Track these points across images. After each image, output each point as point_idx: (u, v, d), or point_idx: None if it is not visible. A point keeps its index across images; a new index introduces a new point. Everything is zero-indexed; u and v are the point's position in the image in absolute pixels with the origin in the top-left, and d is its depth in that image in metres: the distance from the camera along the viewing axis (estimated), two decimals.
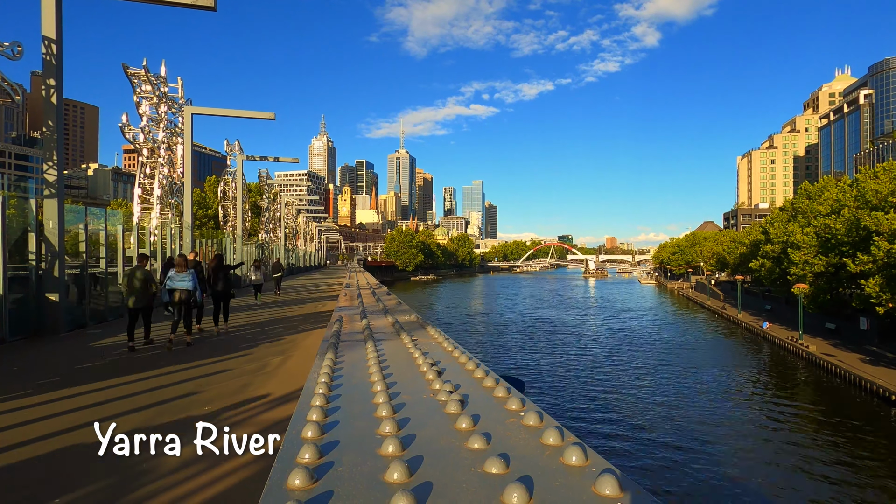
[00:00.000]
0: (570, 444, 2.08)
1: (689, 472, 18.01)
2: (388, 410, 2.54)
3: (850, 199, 38.71)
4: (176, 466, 4.31)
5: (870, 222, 31.07)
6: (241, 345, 10.23)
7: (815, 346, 36.75)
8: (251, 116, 26.33)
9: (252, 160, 35.72)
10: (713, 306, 68.65)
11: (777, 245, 47.26)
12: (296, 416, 2.52)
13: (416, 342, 4.79)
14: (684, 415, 24.67)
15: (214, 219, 73.92)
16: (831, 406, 26.72)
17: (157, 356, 9.12)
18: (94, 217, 14.98)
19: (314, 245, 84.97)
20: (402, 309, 9.02)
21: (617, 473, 1.82)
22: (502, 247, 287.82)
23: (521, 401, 2.71)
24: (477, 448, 2.13)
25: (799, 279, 40.63)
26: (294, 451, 2.02)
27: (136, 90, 22.54)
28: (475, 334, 49.16)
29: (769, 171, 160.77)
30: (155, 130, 23.68)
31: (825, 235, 38.91)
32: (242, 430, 5.21)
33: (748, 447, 20.84)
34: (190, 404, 6.14)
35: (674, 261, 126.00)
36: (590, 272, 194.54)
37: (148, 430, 5.16)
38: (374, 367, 3.57)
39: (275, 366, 8.23)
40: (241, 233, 33.04)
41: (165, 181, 23.81)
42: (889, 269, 29.46)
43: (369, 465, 1.96)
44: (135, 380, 7.36)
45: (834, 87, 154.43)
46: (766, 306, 57.32)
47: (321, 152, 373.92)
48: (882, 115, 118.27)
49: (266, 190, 48.29)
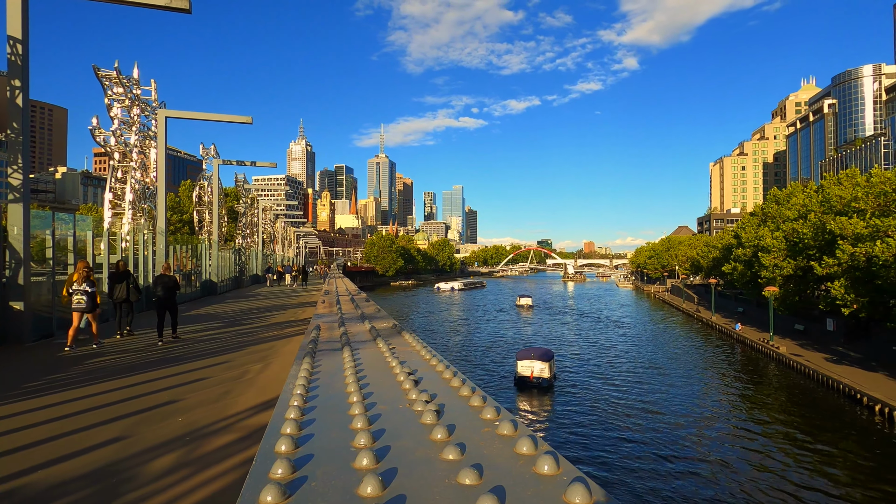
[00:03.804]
0: (542, 452, 2.11)
1: (658, 476, 18.31)
2: (363, 422, 2.53)
3: (816, 205, 40.15)
4: (154, 476, 4.22)
5: (834, 227, 32.26)
6: (220, 352, 10.04)
7: (785, 347, 37.88)
8: (227, 120, 25.91)
9: (228, 164, 35.12)
10: (688, 309, 70.16)
11: (748, 249, 48.63)
12: (269, 429, 2.48)
13: (394, 350, 4.78)
14: (658, 417, 25.11)
15: (189, 224, 72.42)
16: (799, 405, 27.55)
17: (135, 364, 8.88)
18: (61, 222, 14.50)
19: (292, 250, 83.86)
20: (381, 315, 8.98)
21: (587, 482, 1.86)
22: (482, 251, 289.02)
23: (496, 410, 2.74)
24: (452, 459, 2.14)
25: (769, 282, 41.87)
26: (267, 465, 2.00)
27: (108, 92, 21.97)
28: (455, 335, 49.21)
29: (740, 177, 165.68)
30: (127, 134, 23.09)
31: (793, 239, 40.23)
32: (221, 440, 5.15)
33: (718, 448, 21.30)
34: (169, 413, 6.01)
35: (650, 265, 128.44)
36: (569, 276, 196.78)
37: (126, 439, 5.05)
38: (351, 376, 3.55)
39: (255, 373, 8.11)
40: (218, 238, 32.43)
41: (138, 186, 23.23)
42: (853, 271, 30.60)
43: (343, 479, 1.95)
44: (111, 388, 7.16)
45: (800, 97, 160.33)
46: (739, 308, 58.87)
47: (300, 156, 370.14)
48: (845, 124, 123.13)
49: (243, 194, 47.47)
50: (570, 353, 41.83)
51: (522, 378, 29.88)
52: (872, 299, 30.09)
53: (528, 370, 29.84)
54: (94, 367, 8.84)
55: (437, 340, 47.82)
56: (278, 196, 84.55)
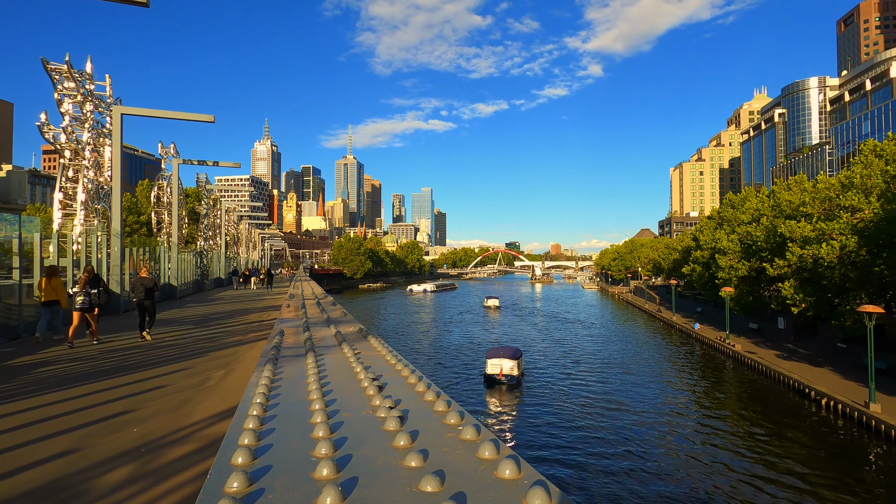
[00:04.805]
0: (504, 457, 2.13)
1: (619, 473, 18.77)
2: (325, 430, 2.49)
3: (768, 209, 42.18)
4: (106, 491, 4.02)
5: (784, 230, 33.95)
6: (179, 358, 9.68)
7: (741, 346, 39.56)
8: (188, 118, 25.03)
9: (189, 164, 33.93)
10: (650, 309, 72.36)
11: (706, 251, 50.55)
12: (226, 441, 2.41)
13: (359, 355, 4.73)
14: (621, 414, 25.79)
15: (148, 225, 69.63)
16: (754, 400, 28.82)
17: (89, 373, 8.45)
18: (6, 223, 13.70)
19: (257, 253, 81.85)
20: (347, 319, 8.87)
21: (547, 485, 1.89)
22: (451, 254, 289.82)
23: (459, 414, 2.75)
24: (414, 466, 2.13)
25: (725, 283, 43.65)
26: (222, 479, 1.94)
27: (58, 87, 20.89)
28: (424, 336, 49.10)
29: (699, 181, 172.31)
30: (79, 131, 22.01)
31: (747, 242, 42.09)
32: (180, 450, 4.95)
33: (678, 444, 22.04)
34: (123, 424, 5.73)
35: (614, 266, 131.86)
36: (536, 278, 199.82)
37: (76, 453, 4.79)
38: (314, 383, 3.49)
39: (217, 379, 7.85)
40: (178, 240, 31.27)
41: (91, 185, 22.16)
42: (801, 272, 32.27)
43: (302, 490, 1.91)
44: (61, 399, 6.78)
45: (753, 106, 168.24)
46: (698, 308, 61.12)
47: (265, 157, 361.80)
48: (794, 133, 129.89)
49: (205, 195, 45.99)
50: (538, 352, 42.48)
51: (492, 376, 30.75)
52: (819, 299, 31.79)
53: (497, 368, 30.72)
54: (42, 376, 8.37)
55: (406, 343, 47.61)
56: (242, 197, 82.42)
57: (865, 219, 28.18)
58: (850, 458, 20.24)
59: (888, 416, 21.88)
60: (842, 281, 29.43)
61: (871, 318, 23.34)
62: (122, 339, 12.61)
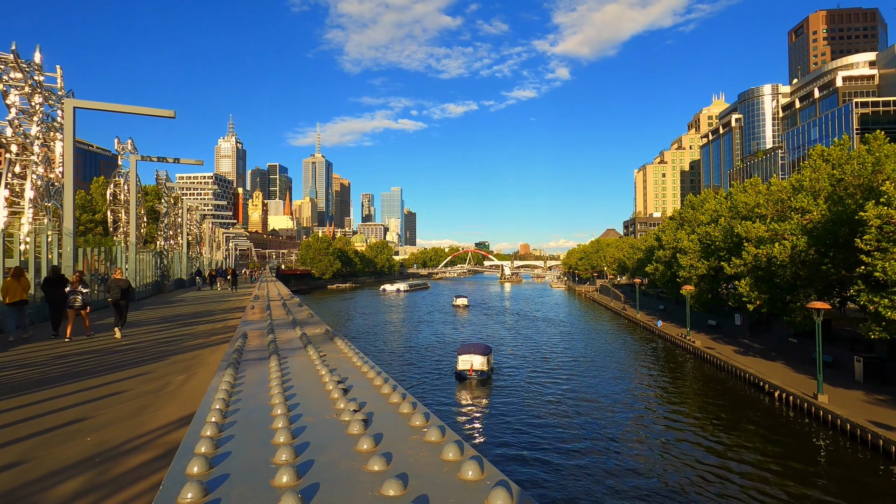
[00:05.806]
0: (468, 458, 2.14)
1: (583, 469, 19.20)
2: (286, 436, 2.44)
3: (726, 210, 43.94)
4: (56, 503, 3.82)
5: (740, 230, 35.44)
6: (137, 363, 9.30)
7: (700, 342, 41.06)
8: (147, 113, 24.01)
9: (148, 160, 32.65)
10: (615, 307, 74.22)
11: (668, 250, 52.22)
12: (182, 449, 2.33)
13: (325, 357, 4.66)
14: (586, 407, 26.36)
15: (103, 224, 66.61)
16: (713, 394, 29.96)
17: (39, 379, 8.00)
18: None
19: (221, 253, 79.53)
20: (313, 321, 8.73)
21: (509, 485, 1.91)
22: (421, 253, 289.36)
23: (424, 416, 2.74)
24: (377, 470, 2.11)
25: (686, 281, 45.22)
26: (175, 490, 1.87)
27: (2, 78, 19.74)
28: (393, 336, 48.85)
29: (661, 183, 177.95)
30: (27, 124, 20.86)
31: (706, 242, 43.74)
32: (137, 459, 4.76)
33: (640, 437, 22.69)
34: (76, 432, 5.46)
35: (581, 266, 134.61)
36: (505, 277, 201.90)
37: (25, 464, 4.53)
38: (277, 387, 3.42)
39: (177, 384, 7.58)
40: (135, 240, 30.03)
41: (40, 182, 21.03)
42: (756, 271, 33.76)
43: (260, 499, 1.87)
44: (7, 409, 6.39)
45: (711, 111, 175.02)
46: (661, 306, 63.09)
47: (229, 154, 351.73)
48: (749, 137, 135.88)
49: (165, 193, 44.30)
50: (507, 349, 42.97)
51: (462, 372, 31.38)
52: (772, 296, 33.34)
53: (468, 364, 31.41)
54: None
55: (376, 344, 47.23)
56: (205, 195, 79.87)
57: (814, 220, 29.73)
58: (802, 448, 21.31)
59: (835, 407, 23.15)
60: (793, 279, 30.94)
61: (820, 314, 24.63)
62: (82, 341, 12.06)
